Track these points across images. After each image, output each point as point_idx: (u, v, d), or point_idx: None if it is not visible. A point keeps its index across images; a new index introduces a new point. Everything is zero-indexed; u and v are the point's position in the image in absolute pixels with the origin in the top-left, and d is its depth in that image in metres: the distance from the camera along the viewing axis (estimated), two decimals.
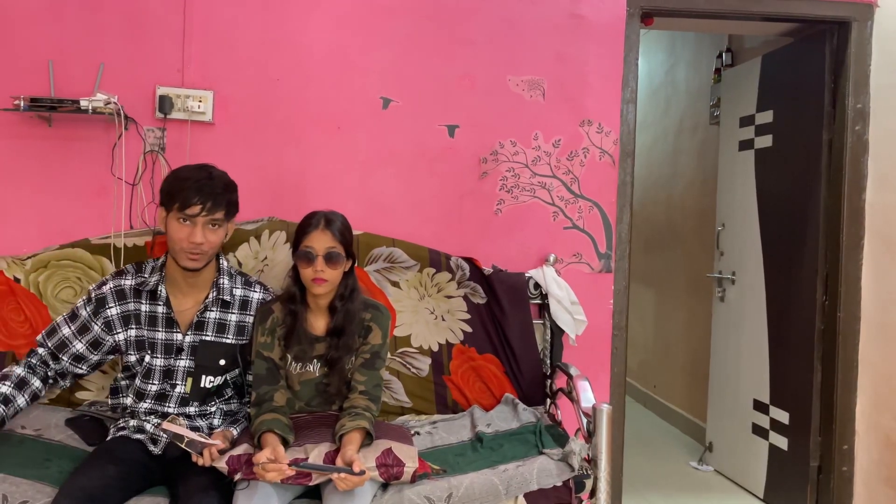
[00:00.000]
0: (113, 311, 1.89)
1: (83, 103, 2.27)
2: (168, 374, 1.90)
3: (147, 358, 1.90)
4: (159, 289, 1.89)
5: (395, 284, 2.43)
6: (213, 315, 1.92)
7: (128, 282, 1.91)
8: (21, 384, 1.81)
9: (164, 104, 2.38)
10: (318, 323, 1.99)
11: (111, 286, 1.90)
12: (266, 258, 2.36)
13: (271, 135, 2.49)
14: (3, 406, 1.75)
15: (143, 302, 1.90)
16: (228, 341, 1.93)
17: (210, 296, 1.91)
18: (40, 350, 1.90)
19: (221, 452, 1.72)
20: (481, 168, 2.58)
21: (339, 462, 1.69)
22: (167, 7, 2.43)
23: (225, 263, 1.98)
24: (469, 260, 2.46)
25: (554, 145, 2.61)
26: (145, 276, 1.91)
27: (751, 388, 3.20)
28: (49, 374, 1.89)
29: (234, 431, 1.88)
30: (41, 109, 2.28)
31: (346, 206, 2.38)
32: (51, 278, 2.29)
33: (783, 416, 2.98)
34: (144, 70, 2.42)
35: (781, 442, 2.99)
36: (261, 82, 2.48)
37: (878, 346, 2.66)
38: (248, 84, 2.48)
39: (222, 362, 1.90)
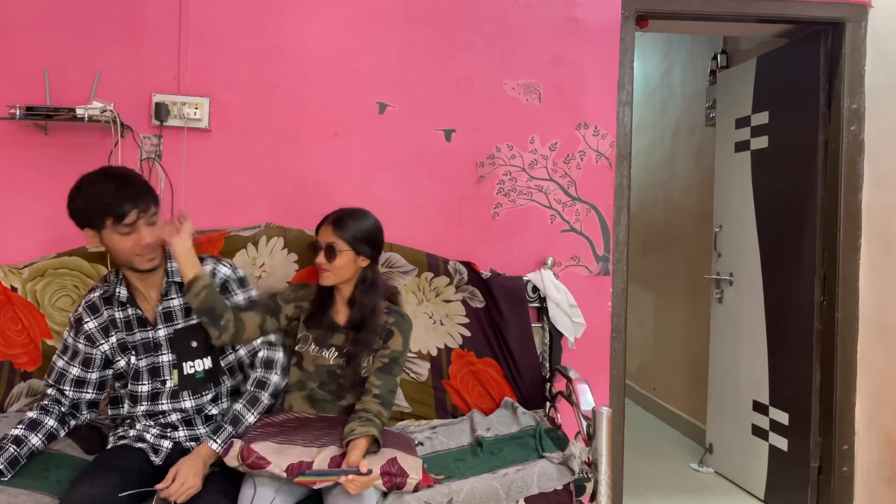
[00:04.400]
0: (90, 324, 1.90)
1: (79, 111, 2.27)
2: (154, 371, 1.91)
3: (132, 360, 1.91)
4: (118, 291, 1.90)
5: None
6: (175, 301, 1.92)
7: (96, 294, 1.93)
8: (33, 425, 1.83)
9: (161, 111, 2.38)
10: (340, 313, 2.07)
11: (83, 303, 1.93)
12: (264, 264, 2.36)
13: (268, 141, 2.49)
14: (14, 446, 1.76)
15: (116, 309, 1.91)
16: (194, 322, 1.92)
17: (164, 283, 1.91)
18: (49, 391, 1.91)
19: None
20: (478, 172, 2.58)
21: (344, 467, 1.70)
22: (163, 14, 2.44)
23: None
24: (467, 264, 2.46)
25: (551, 148, 2.61)
26: (108, 284, 1.93)
27: (750, 389, 3.20)
28: (63, 410, 1.90)
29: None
30: (37, 118, 2.28)
31: None
32: (48, 287, 2.28)
33: (783, 417, 2.98)
34: (140, 77, 2.43)
35: (781, 443, 2.99)
36: (257, 89, 2.48)
37: (877, 346, 2.66)
38: (245, 90, 2.48)
39: (194, 344, 1.91)
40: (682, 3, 2.68)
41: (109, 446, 1.91)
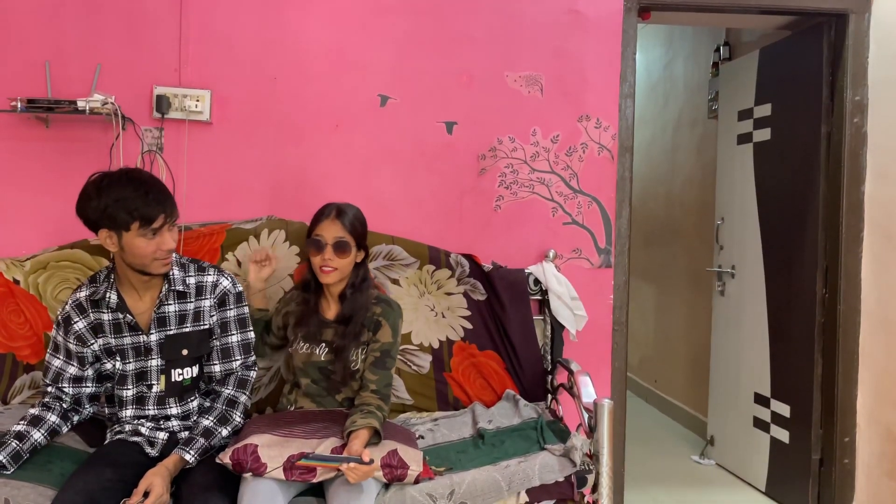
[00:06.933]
0: (79, 324, 1.89)
1: (80, 104, 2.26)
2: (141, 375, 1.90)
3: (118, 364, 1.90)
4: (108, 296, 1.88)
5: (395, 282, 2.43)
6: (171, 308, 1.91)
7: (82, 294, 1.91)
8: (35, 421, 1.83)
9: (162, 104, 2.38)
10: (330, 309, 2.07)
11: (70, 303, 1.91)
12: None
13: (269, 134, 2.49)
14: (17, 441, 1.76)
15: (105, 311, 1.89)
16: (187, 330, 1.92)
17: (163, 290, 1.90)
18: (49, 388, 1.91)
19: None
20: (480, 165, 2.58)
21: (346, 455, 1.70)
22: (164, 7, 2.43)
23: (174, 254, 1.95)
24: (469, 256, 2.46)
25: (552, 141, 2.60)
26: (97, 285, 1.91)
27: (752, 381, 3.21)
28: (65, 406, 1.90)
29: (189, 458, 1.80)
30: (38, 110, 2.28)
31: None
32: (50, 279, 2.29)
33: (784, 410, 2.98)
34: (141, 70, 2.42)
35: (783, 435, 2.99)
36: (258, 81, 2.48)
37: (879, 339, 2.66)
38: (246, 83, 2.47)
39: (185, 352, 1.91)
40: None
41: (106, 441, 1.92)
